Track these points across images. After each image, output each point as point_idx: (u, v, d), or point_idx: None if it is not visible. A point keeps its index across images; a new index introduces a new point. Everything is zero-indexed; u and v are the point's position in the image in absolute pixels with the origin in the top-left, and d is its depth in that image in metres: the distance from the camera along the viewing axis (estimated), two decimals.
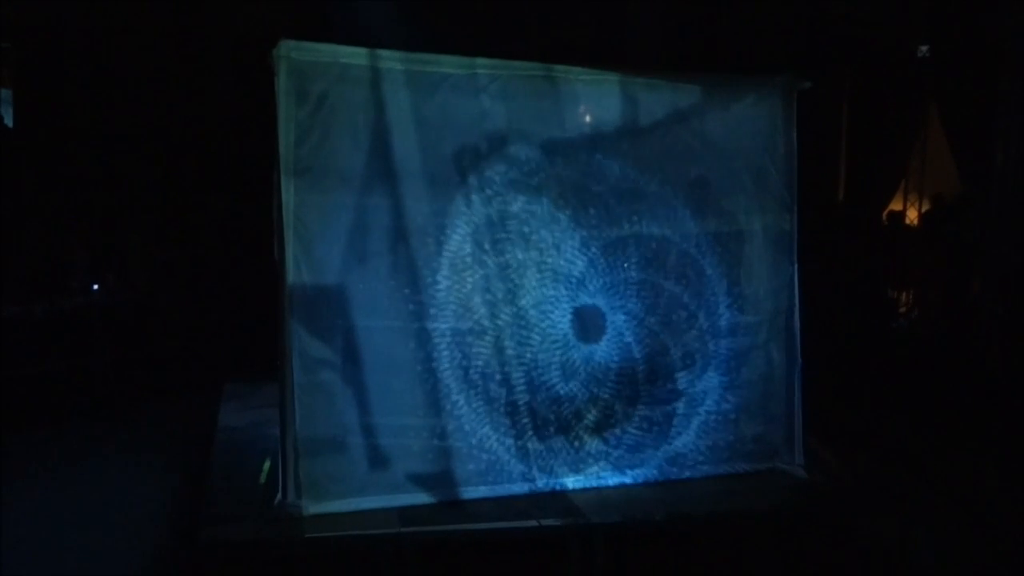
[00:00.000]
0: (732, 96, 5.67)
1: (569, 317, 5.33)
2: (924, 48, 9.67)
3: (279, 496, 4.76)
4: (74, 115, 8.83)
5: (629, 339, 5.46)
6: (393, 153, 4.97)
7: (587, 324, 5.37)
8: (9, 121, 8.89)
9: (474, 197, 5.13)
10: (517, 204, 5.22)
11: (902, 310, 10.43)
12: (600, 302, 5.41)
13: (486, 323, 5.15)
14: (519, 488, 5.19)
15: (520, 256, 5.22)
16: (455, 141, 5.10)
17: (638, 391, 5.48)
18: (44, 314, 7.65)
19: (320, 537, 4.60)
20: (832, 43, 9.77)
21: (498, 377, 5.17)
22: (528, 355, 5.24)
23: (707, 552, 5.06)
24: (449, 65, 5.11)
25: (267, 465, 5.27)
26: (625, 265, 5.44)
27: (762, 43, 9.15)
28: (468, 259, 5.13)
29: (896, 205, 10.77)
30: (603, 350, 5.41)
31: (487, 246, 5.15)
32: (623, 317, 5.45)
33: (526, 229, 5.23)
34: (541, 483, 5.24)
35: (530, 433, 5.24)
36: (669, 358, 5.54)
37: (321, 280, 4.82)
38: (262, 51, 4.72)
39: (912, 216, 10.81)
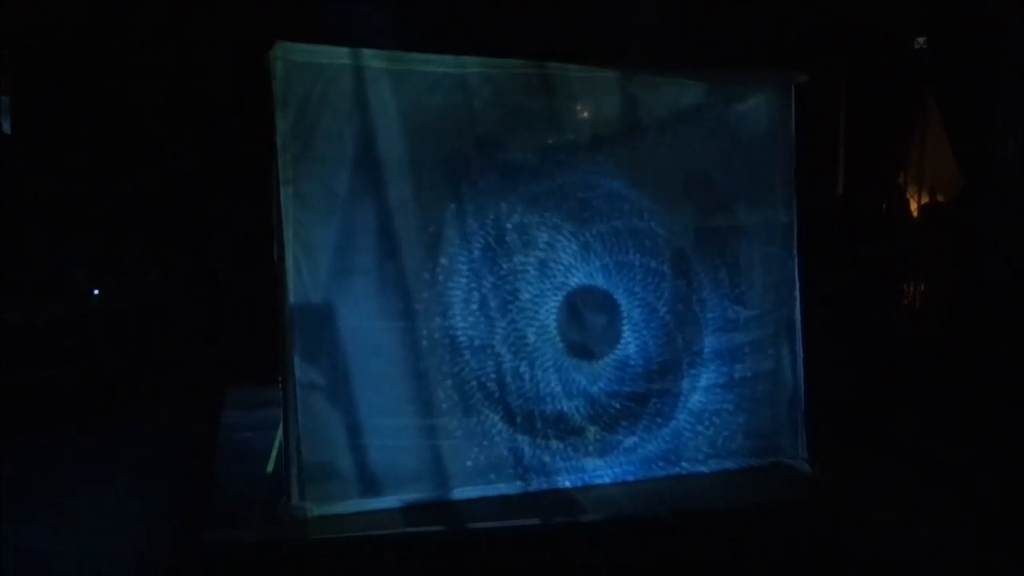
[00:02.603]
0: (729, 91, 5.66)
1: (567, 316, 5.32)
2: (921, 40, 9.66)
3: (283, 498, 4.76)
4: (73, 120, 8.84)
5: (629, 337, 5.46)
6: (391, 154, 4.97)
7: (586, 325, 5.37)
8: (7, 127, 8.90)
9: (471, 199, 5.13)
10: (513, 205, 5.21)
11: (904, 302, 10.41)
12: (599, 302, 5.40)
13: (483, 323, 5.15)
14: (522, 487, 5.19)
15: (516, 258, 5.21)
16: (458, 143, 5.11)
17: (638, 386, 5.47)
18: (44, 320, 7.65)
19: (325, 538, 4.60)
20: (828, 36, 9.76)
21: (498, 376, 5.17)
22: (525, 354, 5.24)
23: (710, 548, 5.05)
24: (443, 64, 5.11)
25: (274, 453, 5.27)
26: (624, 264, 5.44)
27: (758, 37, 9.15)
28: (463, 260, 5.12)
29: (896, 197, 10.75)
30: (602, 347, 5.41)
31: (482, 248, 5.15)
32: (622, 316, 5.44)
33: (522, 231, 5.23)
34: (544, 481, 5.23)
35: (532, 431, 5.24)
36: (670, 353, 5.54)
37: (321, 282, 4.82)
38: (260, 53, 4.72)
39: (912, 208, 10.79)
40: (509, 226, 5.20)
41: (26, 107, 8.91)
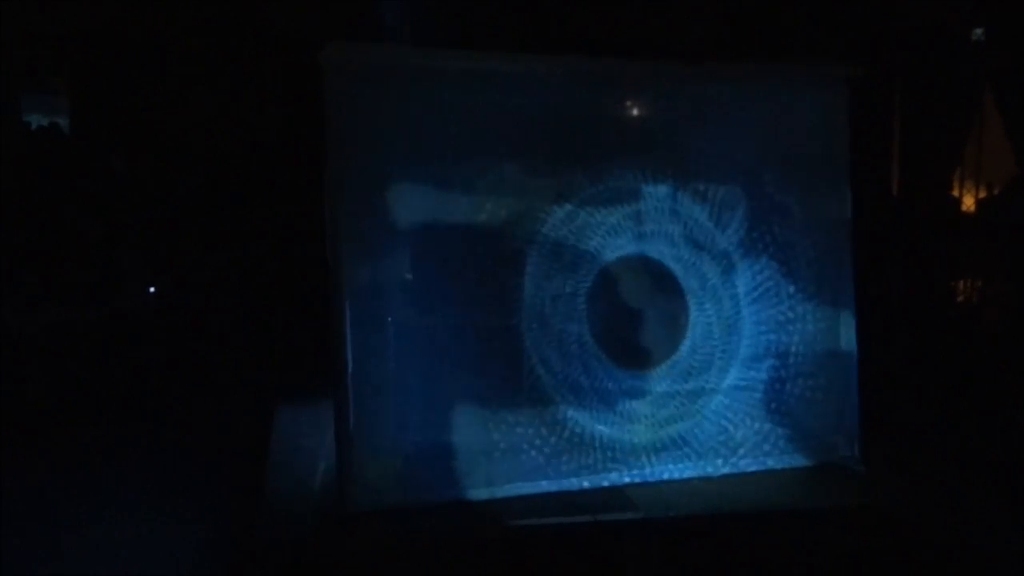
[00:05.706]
0: (785, 85, 5.60)
1: (626, 315, 5.31)
2: (979, 31, 9.50)
3: (336, 496, 4.79)
4: (128, 120, 8.98)
5: (686, 332, 5.44)
6: (442, 151, 4.98)
7: (645, 326, 5.37)
8: (65, 127, 9.08)
9: (524, 195, 5.12)
10: (567, 202, 5.21)
11: (961, 299, 10.25)
12: (663, 297, 5.39)
13: (538, 320, 5.15)
14: (575, 483, 5.18)
15: (570, 254, 5.21)
16: (510, 141, 5.09)
17: (694, 383, 5.44)
18: (100, 317, 7.76)
19: (377, 536, 4.63)
20: (884, 29, 9.63)
21: (552, 373, 5.17)
22: (578, 351, 5.23)
23: (764, 547, 5.00)
24: (494, 62, 5.11)
25: (327, 451, 5.31)
26: (678, 261, 5.41)
27: (813, 31, 9.06)
28: (517, 256, 5.12)
29: (953, 193, 10.60)
30: (658, 344, 5.39)
31: (537, 244, 5.15)
32: (682, 313, 5.42)
33: (578, 228, 5.22)
34: (597, 478, 5.22)
35: (585, 428, 5.23)
36: (724, 351, 5.50)
37: (375, 279, 4.85)
38: (312, 53, 4.75)
39: (969, 203, 10.61)
40: (564, 223, 5.19)
41: (83, 107, 9.07)
